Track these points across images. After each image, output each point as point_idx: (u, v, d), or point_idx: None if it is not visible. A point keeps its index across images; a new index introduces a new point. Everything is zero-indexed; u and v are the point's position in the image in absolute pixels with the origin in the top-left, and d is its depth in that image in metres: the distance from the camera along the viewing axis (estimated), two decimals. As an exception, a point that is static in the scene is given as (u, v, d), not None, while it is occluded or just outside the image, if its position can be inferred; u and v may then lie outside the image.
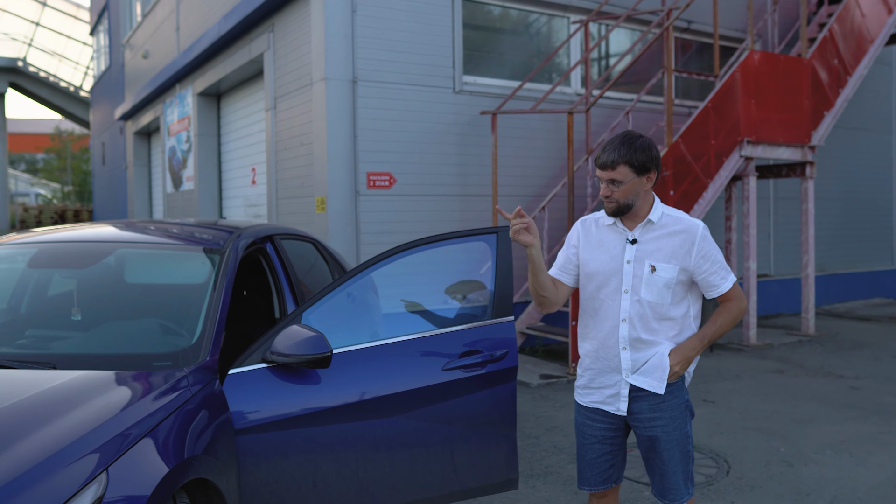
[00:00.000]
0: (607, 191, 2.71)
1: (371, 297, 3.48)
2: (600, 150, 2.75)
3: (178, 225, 4.25)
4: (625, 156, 2.68)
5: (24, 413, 2.41)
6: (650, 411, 2.75)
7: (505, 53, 8.90)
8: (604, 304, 2.78)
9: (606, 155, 2.69)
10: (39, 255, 3.67)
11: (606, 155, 2.69)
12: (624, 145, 2.69)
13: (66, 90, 28.54)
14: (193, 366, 2.88)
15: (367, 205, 7.63)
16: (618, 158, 2.68)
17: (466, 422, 3.26)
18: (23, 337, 3.36)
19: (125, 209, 18.48)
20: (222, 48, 10.34)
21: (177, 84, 12.93)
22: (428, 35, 7.92)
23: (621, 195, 2.70)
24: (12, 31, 27.83)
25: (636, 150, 2.70)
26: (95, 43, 23.75)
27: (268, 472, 2.96)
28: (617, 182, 2.69)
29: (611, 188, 2.70)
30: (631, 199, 2.72)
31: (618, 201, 2.71)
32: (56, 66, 28.82)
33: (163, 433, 2.53)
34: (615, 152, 2.68)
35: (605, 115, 8.98)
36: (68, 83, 28.56)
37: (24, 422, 2.35)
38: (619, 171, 2.68)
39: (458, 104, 8.12)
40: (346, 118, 7.48)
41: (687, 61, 10.21)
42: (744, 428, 5.35)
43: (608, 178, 2.70)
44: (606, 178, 2.70)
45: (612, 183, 2.70)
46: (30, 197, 42.51)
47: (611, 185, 2.70)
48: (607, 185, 2.71)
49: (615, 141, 2.72)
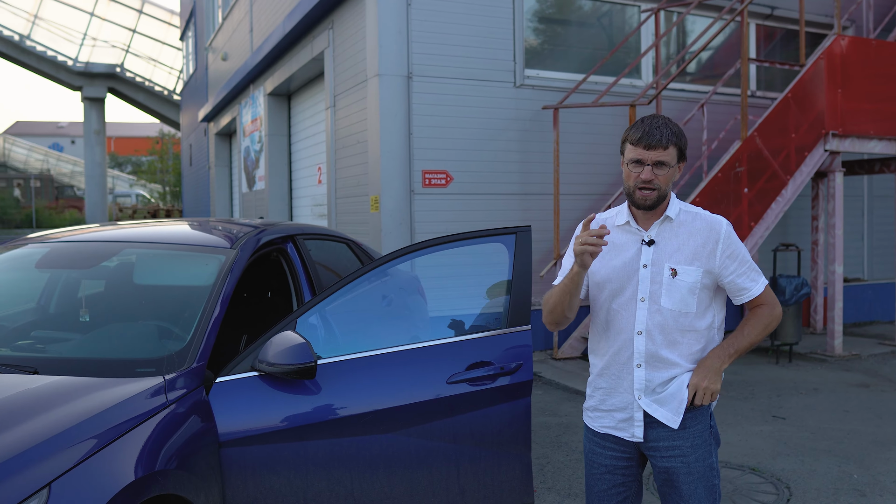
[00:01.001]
0: (650, 175, 2.30)
1: (376, 302, 3.24)
2: (638, 129, 2.34)
3: (201, 224, 4.13)
4: (676, 136, 2.33)
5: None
6: (668, 439, 2.38)
7: (571, 45, 8.51)
8: (617, 315, 2.41)
9: (658, 133, 2.30)
10: (48, 256, 3.60)
11: (658, 133, 2.30)
12: (668, 126, 2.33)
13: (161, 94, 29.60)
14: (176, 373, 2.71)
15: (423, 204, 7.41)
16: (671, 138, 2.31)
17: (474, 440, 2.98)
18: (27, 338, 3.27)
19: (208, 209, 18.93)
20: (288, 47, 10.34)
21: (250, 85, 13.07)
22: (487, 28, 7.63)
23: (665, 181, 2.33)
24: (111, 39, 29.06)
25: (681, 133, 2.37)
26: (185, 48, 24.50)
27: (255, 489, 2.76)
28: (664, 165, 2.32)
29: (655, 172, 2.31)
30: (669, 189, 2.37)
31: (660, 188, 2.32)
32: (151, 71, 29.97)
33: (125, 445, 2.35)
34: (665, 130, 2.31)
35: (678, 109, 8.47)
36: (163, 87, 29.62)
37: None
38: (670, 153, 2.32)
39: (518, 99, 7.80)
40: (401, 115, 7.28)
41: (771, 51, 9.56)
42: (814, 449, 4.84)
43: (656, 160, 2.30)
44: (654, 160, 2.30)
45: (659, 166, 2.31)
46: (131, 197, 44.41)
47: (656, 169, 2.31)
48: (652, 169, 2.31)
49: (654, 121, 2.34)
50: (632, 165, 2.35)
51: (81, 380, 2.62)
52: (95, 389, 2.55)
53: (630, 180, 2.36)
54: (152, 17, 29.72)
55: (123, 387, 2.58)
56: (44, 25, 28.05)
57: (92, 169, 29.25)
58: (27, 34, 27.69)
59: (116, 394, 2.53)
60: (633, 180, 2.35)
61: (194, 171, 22.56)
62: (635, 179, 2.34)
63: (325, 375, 2.86)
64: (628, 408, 2.41)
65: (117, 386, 2.59)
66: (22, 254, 3.65)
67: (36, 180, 39.44)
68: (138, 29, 29.39)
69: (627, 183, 2.38)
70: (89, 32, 28.63)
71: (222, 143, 17.38)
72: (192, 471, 2.55)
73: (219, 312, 2.98)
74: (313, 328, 2.96)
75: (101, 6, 29.08)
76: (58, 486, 2.11)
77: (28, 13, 27.81)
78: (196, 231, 3.85)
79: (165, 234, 3.74)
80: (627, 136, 2.37)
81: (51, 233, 3.89)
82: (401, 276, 4.20)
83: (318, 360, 2.75)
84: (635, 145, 2.34)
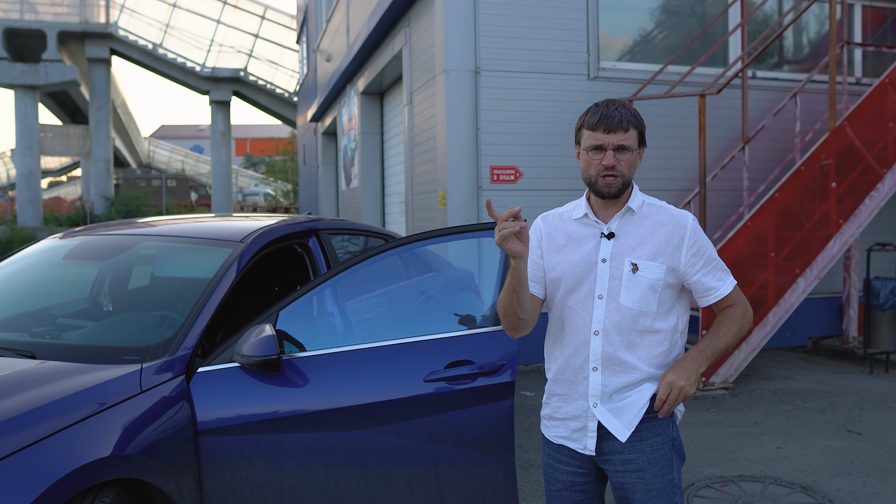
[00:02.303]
0: (612, 160, 2.12)
1: (359, 295, 3.20)
2: (594, 113, 2.15)
3: (231, 219, 4.23)
4: (635, 118, 2.15)
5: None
6: (623, 451, 2.19)
7: (654, 34, 8.17)
8: (573, 313, 2.22)
9: (618, 114, 2.11)
10: (77, 248, 3.77)
11: (618, 114, 2.11)
12: (626, 108, 2.15)
13: (282, 96, 30.81)
14: (155, 361, 2.78)
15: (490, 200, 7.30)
16: (631, 119, 2.13)
17: (453, 442, 2.89)
18: (50, 325, 3.44)
19: (317, 207, 19.51)
20: (374, 46, 10.48)
21: (347, 84, 13.35)
22: (559, 19, 7.43)
23: (628, 166, 2.14)
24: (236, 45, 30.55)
25: (639, 116, 2.18)
26: (301, 51, 25.37)
27: (232, 480, 2.78)
28: (626, 150, 2.13)
29: (618, 157, 2.12)
30: (632, 176, 2.17)
31: (624, 174, 2.13)
32: (273, 74, 31.25)
33: (84, 430, 2.43)
34: (624, 111, 2.13)
35: (768, 99, 7.95)
36: (283, 90, 30.81)
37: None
38: (631, 136, 2.13)
39: (592, 92, 7.55)
40: (468, 110, 7.21)
41: (882, 34, 8.81)
42: (883, 470, 4.40)
43: (617, 144, 2.11)
44: (615, 144, 2.11)
45: (621, 150, 2.12)
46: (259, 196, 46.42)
47: (618, 154, 2.12)
48: (614, 154, 2.12)
49: (611, 103, 2.15)
50: (591, 153, 2.15)
51: (66, 365, 2.72)
52: (72, 374, 2.64)
53: (591, 168, 2.16)
54: (273, 23, 30.98)
55: (99, 373, 2.66)
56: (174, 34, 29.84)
57: (217, 169, 30.81)
58: (160, 42, 29.52)
59: (89, 379, 2.61)
60: (595, 168, 2.15)
61: (307, 169, 23.32)
62: (597, 167, 2.14)
63: (304, 369, 2.85)
64: (582, 416, 2.22)
65: (94, 372, 2.67)
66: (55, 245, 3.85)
67: (171, 180, 41.96)
68: (261, 34, 30.71)
69: (588, 172, 2.18)
70: (216, 39, 30.18)
71: (328, 142, 17.86)
72: (161, 457, 2.60)
73: (211, 304, 3.03)
74: (292, 322, 2.94)
75: (227, 13, 30.58)
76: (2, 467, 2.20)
77: (161, 23, 29.66)
78: (217, 225, 3.93)
79: (185, 229, 3.85)
80: (584, 122, 2.18)
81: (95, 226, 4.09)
82: (452, 272, 4.14)
83: (281, 354, 2.74)
84: (593, 130, 2.14)
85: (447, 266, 4.29)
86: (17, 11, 27.33)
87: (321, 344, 2.96)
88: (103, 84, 28.89)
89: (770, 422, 5.34)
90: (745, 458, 4.57)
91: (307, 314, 3.00)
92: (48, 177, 51.20)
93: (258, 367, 2.72)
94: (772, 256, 6.28)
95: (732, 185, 7.74)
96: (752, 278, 6.26)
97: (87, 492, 2.37)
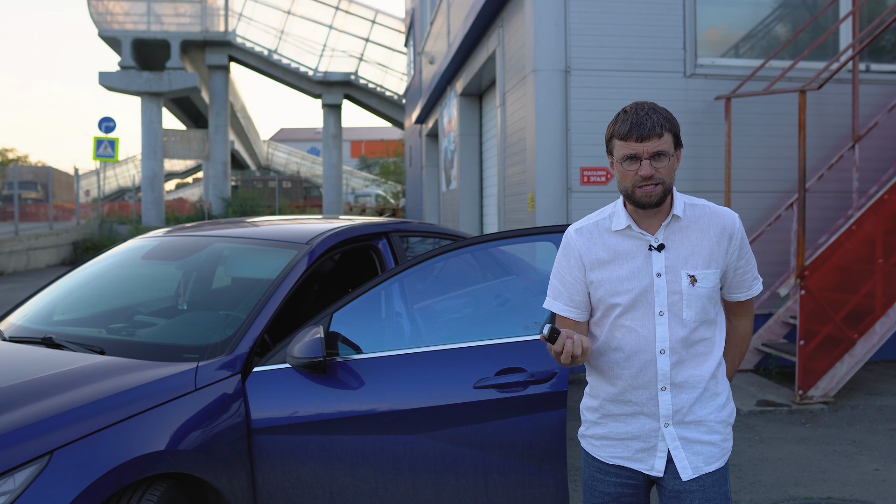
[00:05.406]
0: (650, 170, 1.97)
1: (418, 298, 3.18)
2: (624, 121, 2.00)
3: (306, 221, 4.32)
4: (668, 121, 2.00)
5: (18, 392, 2.55)
6: None
7: (756, 28, 7.77)
8: (630, 332, 2.09)
9: (649, 120, 1.96)
10: (155, 248, 3.94)
11: (649, 120, 1.96)
12: (657, 111, 2.00)
13: (391, 99, 31.33)
14: (211, 360, 2.86)
15: (580, 202, 7.16)
16: (664, 123, 1.98)
17: (503, 450, 2.84)
18: (127, 322, 3.60)
19: (421, 207, 19.73)
20: (471, 48, 10.48)
21: (447, 86, 13.43)
22: (654, 15, 7.19)
23: (668, 173, 1.99)
24: (347, 49, 31.27)
25: (672, 116, 2.03)
26: (409, 54, 25.74)
27: (284, 479, 2.83)
28: (663, 155, 1.98)
29: (655, 165, 1.98)
30: (672, 182, 2.03)
31: (664, 182, 1.99)
32: (382, 77, 31.78)
33: (138, 424, 2.53)
34: (656, 115, 1.98)
35: (884, 94, 7.42)
36: (393, 92, 31.32)
37: (9, 401, 2.48)
38: (666, 140, 1.98)
39: (689, 90, 7.27)
40: (558, 111, 7.09)
41: None
42: None
43: (653, 151, 1.97)
44: (651, 152, 1.97)
45: (658, 157, 1.98)
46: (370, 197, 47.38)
47: (655, 162, 1.98)
48: (650, 163, 1.98)
49: (641, 108, 2.00)
50: (626, 163, 2.00)
51: (128, 362, 2.84)
52: (131, 371, 2.76)
53: (627, 180, 2.02)
54: (383, 26, 31.54)
55: (156, 370, 2.77)
56: (289, 40, 30.85)
57: (329, 170, 31.67)
58: (274, 48, 30.62)
59: (146, 376, 2.72)
60: (631, 179, 2.01)
61: (413, 171, 23.63)
62: (633, 178, 2.00)
63: (354, 372, 2.87)
64: (650, 437, 2.10)
65: (152, 369, 2.78)
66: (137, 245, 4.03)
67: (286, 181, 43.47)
68: (371, 38, 31.34)
69: (624, 184, 2.03)
70: (328, 44, 31.03)
71: (432, 143, 18.03)
72: (213, 454, 2.67)
73: (272, 304, 3.10)
74: (346, 324, 2.96)
75: (339, 19, 31.39)
76: (59, 455, 2.32)
77: (276, 29, 30.75)
78: (288, 228, 4.01)
79: (256, 231, 3.94)
80: (614, 131, 2.03)
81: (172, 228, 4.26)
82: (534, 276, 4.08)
83: (327, 357, 2.76)
84: (625, 139, 1.99)
85: (529, 269, 4.21)
86: (144, 23, 29.01)
87: (373, 347, 2.96)
88: (222, 90, 30.26)
89: (871, 441, 4.97)
90: (837, 480, 4.27)
91: (362, 316, 3.01)
92: (174, 179, 54.11)
93: (306, 369, 2.75)
94: (879, 263, 5.85)
95: (841, 187, 7.27)
96: (857, 286, 5.85)
97: (139, 484, 2.47)
